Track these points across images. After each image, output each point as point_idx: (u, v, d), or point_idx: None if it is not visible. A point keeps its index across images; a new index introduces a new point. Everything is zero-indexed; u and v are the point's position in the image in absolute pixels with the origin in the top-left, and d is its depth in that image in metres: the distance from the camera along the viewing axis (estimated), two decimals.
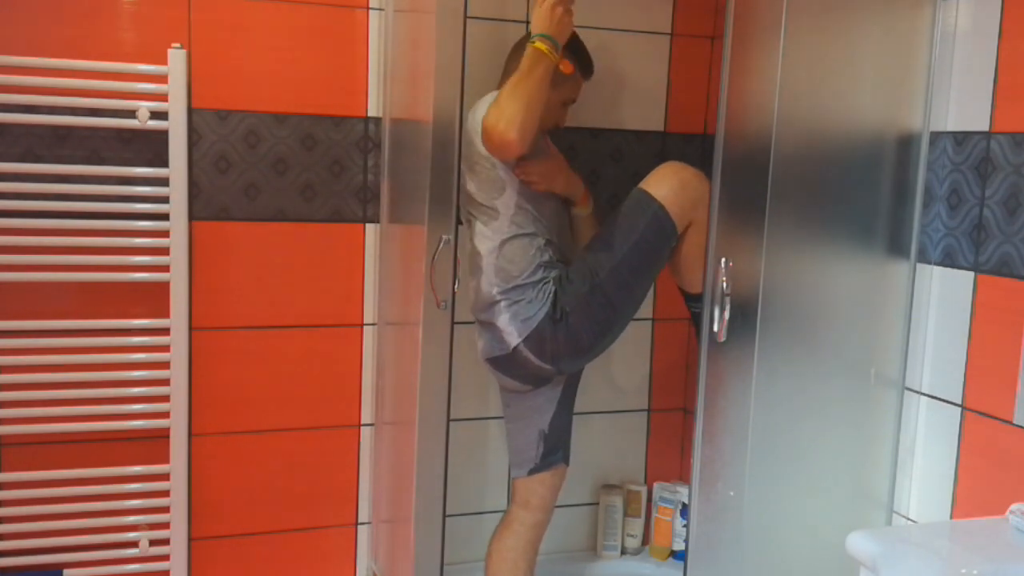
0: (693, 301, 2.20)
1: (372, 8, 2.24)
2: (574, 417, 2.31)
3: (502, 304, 2.06)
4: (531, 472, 2.22)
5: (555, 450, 2.23)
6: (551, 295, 2.05)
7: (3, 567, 2.09)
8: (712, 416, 1.79)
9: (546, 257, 2.07)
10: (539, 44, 1.91)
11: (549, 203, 2.14)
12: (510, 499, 2.28)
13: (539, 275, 2.05)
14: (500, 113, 1.87)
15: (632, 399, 2.70)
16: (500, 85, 2.15)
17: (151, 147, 2.12)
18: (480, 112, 1.98)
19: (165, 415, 2.15)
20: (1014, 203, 1.68)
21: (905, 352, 1.91)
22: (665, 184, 2.06)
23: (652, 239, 2.05)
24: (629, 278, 2.07)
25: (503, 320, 2.06)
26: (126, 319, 2.15)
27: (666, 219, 2.04)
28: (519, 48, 2.06)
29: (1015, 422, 1.67)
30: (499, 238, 2.05)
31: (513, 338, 2.06)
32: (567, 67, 2.04)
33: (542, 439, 2.22)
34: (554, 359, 2.08)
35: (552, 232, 2.13)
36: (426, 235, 1.80)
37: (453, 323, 1.81)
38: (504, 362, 2.11)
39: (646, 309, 2.64)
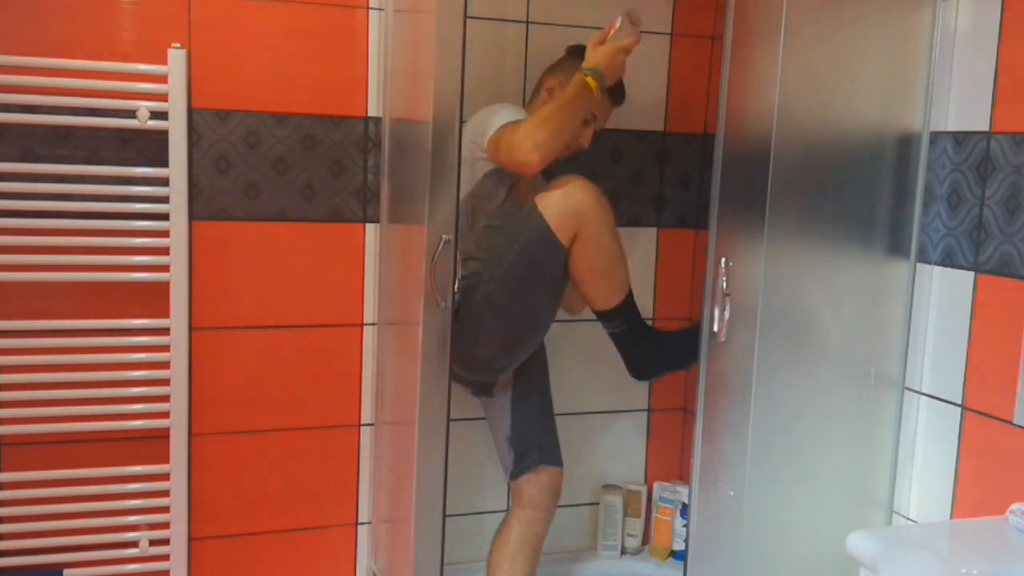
0: (604, 320, 2.14)
1: (372, 8, 2.24)
2: (574, 416, 2.31)
3: None
4: (513, 477, 2.24)
5: (527, 454, 2.23)
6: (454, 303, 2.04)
7: (3, 567, 2.09)
8: (712, 416, 1.79)
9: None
10: (591, 80, 1.97)
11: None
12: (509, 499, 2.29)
13: None
14: (529, 135, 1.90)
15: (632, 399, 2.69)
16: (532, 97, 2.22)
17: (151, 147, 2.12)
18: (489, 121, 1.98)
19: (165, 415, 2.15)
20: (1014, 203, 1.68)
21: (905, 352, 1.91)
22: (552, 196, 2.02)
23: (533, 250, 2.02)
24: (517, 288, 2.05)
25: None
26: (126, 319, 2.14)
27: (546, 230, 2.00)
28: (560, 67, 2.07)
29: (1015, 422, 1.67)
30: None
31: None
32: None
33: (510, 445, 2.23)
34: (460, 364, 2.07)
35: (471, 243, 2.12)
36: (426, 235, 1.80)
37: (453, 323, 1.81)
38: None
39: (645, 310, 2.63)
